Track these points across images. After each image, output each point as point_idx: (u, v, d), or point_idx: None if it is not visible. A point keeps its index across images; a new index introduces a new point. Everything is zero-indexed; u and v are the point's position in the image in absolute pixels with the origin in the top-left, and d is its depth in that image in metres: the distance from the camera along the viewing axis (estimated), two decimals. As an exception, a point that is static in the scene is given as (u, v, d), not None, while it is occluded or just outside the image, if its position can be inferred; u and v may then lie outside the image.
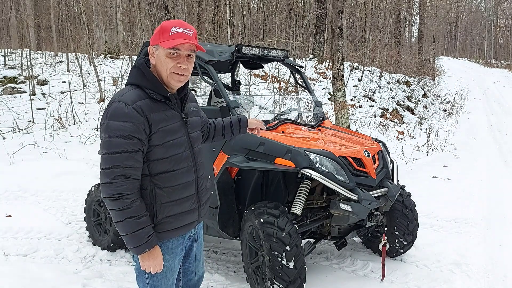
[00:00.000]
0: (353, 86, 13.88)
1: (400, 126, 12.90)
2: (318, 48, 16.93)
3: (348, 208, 3.26)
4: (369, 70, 15.52)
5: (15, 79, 9.95)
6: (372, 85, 14.50)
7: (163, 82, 1.96)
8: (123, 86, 9.79)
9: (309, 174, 3.21)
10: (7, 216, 4.77)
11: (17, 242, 4.22)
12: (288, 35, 17.17)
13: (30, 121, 8.26)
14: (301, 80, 4.58)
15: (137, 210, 1.84)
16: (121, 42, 15.13)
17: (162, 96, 1.94)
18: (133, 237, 1.85)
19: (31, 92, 9.17)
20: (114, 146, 1.82)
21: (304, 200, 3.43)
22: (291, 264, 3.07)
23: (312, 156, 3.25)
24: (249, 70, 10.06)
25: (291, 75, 4.76)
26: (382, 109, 13.33)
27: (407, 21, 27.78)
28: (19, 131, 7.78)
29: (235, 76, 5.28)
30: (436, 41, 30.62)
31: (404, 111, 14.48)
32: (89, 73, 11.23)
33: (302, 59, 15.74)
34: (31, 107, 8.42)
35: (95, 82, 10.20)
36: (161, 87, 1.94)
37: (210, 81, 3.99)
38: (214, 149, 3.66)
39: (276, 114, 4.71)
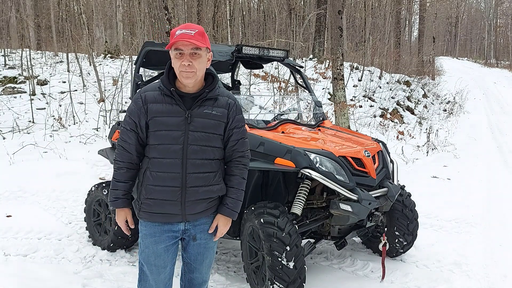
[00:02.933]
0: (353, 86, 13.88)
1: (400, 126, 12.91)
2: (318, 48, 16.93)
3: (348, 208, 3.26)
4: (369, 70, 15.52)
5: (15, 79, 9.96)
6: (372, 85, 14.50)
7: (179, 80, 2.19)
8: (123, 86, 9.75)
9: (309, 174, 3.21)
10: (7, 216, 4.77)
11: (17, 242, 4.22)
12: (288, 35, 17.16)
13: (30, 121, 8.26)
14: (301, 80, 4.58)
15: (119, 175, 2.24)
16: (121, 42, 15.13)
17: (168, 91, 2.18)
18: (110, 194, 2.29)
19: (31, 92, 9.17)
20: (123, 120, 2.26)
21: (304, 200, 3.43)
22: (291, 264, 3.07)
23: (312, 156, 3.25)
24: (249, 70, 10.06)
25: (291, 75, 4.76)
26: (382, 109, 13.33)
27: (407, 21, 27.78)
28: (19, 131, 7.77)
29: (235, 76, 5.29)
30: (436, 41, 30.62)
31: (404, 111, 14.49)
32: (89, 73, 11.23)
33: (302, 59, 15.74)
34: (31, 107, 8.42)
35: (95, 82, 10.20)
36: (168, 84, 2.19)
37: (210, 81, 3.99)
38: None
39: (276, 114, 4.71)
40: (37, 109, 8.66)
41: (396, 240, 4.01)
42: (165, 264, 2.28)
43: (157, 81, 2.31)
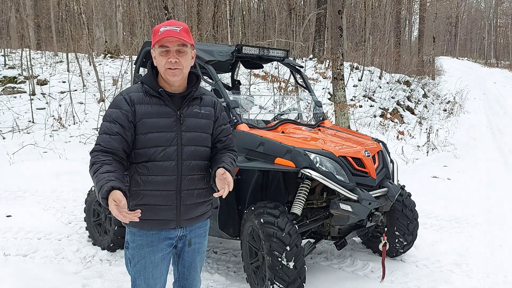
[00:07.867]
0: (353, 86, 13.89)
1: (400, 126, 12.91)
2: (318, 48, 16.93)
3: (348, 208, 3.26)
4: (369, 70, 15.52)
5: (15, 79, 9.96)
6: (372, 85, 14.51)
7: (163, 80, 2.09)
8: (123, 86, 9.76)
9: (309, 174, 3.20)
10: (7, 216, 4.77)
11: (17, 242, 4.22)
12: (288, 35, 17.16)
13: (30, 121, 8.26)
14: (301, 80, 4.58)
15: (105, 167, 1.90)
16: (121, 42, 15.13)
17: (155, 91, 2.08)
18: (97, 185, 1.85)
19: (31, 92, 9.17)
20: (101, 128, 2.05)
21: (304, 200, 3.42)
22: (291, 264, 3.07)
23: (312, 156, 3.25)
24: (249, 70, 10.06)
25: (291, 75, 4.76)
26: (382, 109, 13.34)
27: (407, 21, 27.79)
28: (19, 131, 7.78)
29: (235, 76, 5.28)
30: (436, 41, 30.62)
31: (404, 111, 14.49)
32: (89, 73, 11.23)
33: (302, 59, 15.74)
34: (31, 107, 8.43)
35: (95, 82, 10.20)
36: (154, 84, 2.09)
37: (210, 81, 4.00)
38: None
39: (276, 114, 4.71)
40: (37, 109, 8.66)
41: (396, 240, 4.01)
42: (162, 273, 2.19)
43: (136, 84, 2.17)
